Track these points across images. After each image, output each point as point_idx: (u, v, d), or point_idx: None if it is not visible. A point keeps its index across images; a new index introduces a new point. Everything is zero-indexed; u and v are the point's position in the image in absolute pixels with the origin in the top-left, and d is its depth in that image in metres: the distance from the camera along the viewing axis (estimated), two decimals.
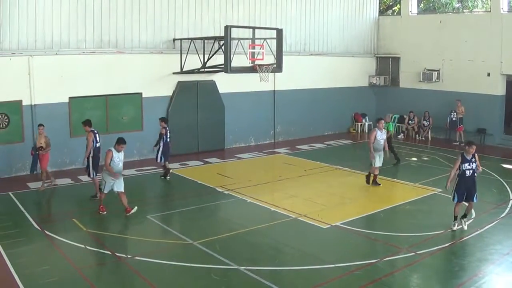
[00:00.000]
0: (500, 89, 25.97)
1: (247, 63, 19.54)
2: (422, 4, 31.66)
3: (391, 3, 34.66)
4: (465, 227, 13.17)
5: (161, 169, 19.13)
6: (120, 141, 14.14)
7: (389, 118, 21.13)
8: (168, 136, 18.48)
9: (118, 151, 14.17)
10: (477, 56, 26.27)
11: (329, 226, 13.61)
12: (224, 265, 11.07)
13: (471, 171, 12.88)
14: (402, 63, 30.15)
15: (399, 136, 28.34)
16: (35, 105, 18.85)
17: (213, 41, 20.70)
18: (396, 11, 33.18)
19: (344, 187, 18.02)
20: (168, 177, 18.73)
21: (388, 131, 19.87)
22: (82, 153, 19.81)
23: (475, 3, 30.87)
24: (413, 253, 11.67)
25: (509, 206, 15.10)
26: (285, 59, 20.87)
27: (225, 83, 23.57)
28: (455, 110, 26.33)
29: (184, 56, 21.51)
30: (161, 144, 18.33)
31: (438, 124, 27.67)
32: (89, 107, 20.32)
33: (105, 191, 14.33)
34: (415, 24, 29.38)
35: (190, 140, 22.90)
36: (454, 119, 26.54)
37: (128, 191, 17.47)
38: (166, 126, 18.52)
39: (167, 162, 18.74)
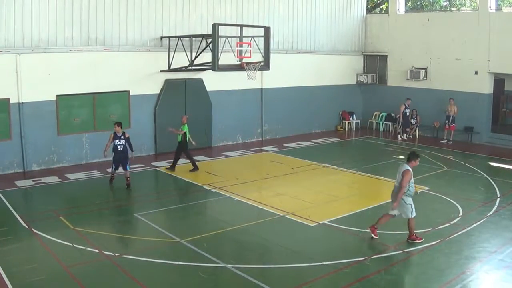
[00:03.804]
0: (487, 88, 26.11)
1: (234, 61, 19.47)
2: (409, 2, 31.78)
3: (378, 1, 34.73)
4: None
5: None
6: (416, 156, 12.16)
7: (185, 119, 19.65)
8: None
9: (413, 167, 12.09)
10: (465, 54, 26.38)
11: (317, 224, 13.62)
12: (212, 263, 11.05)
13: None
14: (389, 61, 30.22)
15: (402, 136, 28.02)
16: (22, 103, 18.66)
17: (201, 39, 20.62)
18: (384, 9, 33.28)
19: (332, 185, 18.02)
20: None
21: (185, 135, 19.15)
22: (69, 151, 19.91)
23: (463, 1, 31.02)
24: (400, 251, 11.72)
25: (496, 204, 15.18)
26: (272, 57, 20.80)
27: (213, 81, 23.52)
28: (447, 109, 26.08)
29: (171, 54, 21.43)
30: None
31: (425, 122, 27.79)
32: (76, 105, 20.21)
33: (415, 214, 12.11)
34: (403, 22, 29.45)
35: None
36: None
37: (116, 189, 17.45)
38: None
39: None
